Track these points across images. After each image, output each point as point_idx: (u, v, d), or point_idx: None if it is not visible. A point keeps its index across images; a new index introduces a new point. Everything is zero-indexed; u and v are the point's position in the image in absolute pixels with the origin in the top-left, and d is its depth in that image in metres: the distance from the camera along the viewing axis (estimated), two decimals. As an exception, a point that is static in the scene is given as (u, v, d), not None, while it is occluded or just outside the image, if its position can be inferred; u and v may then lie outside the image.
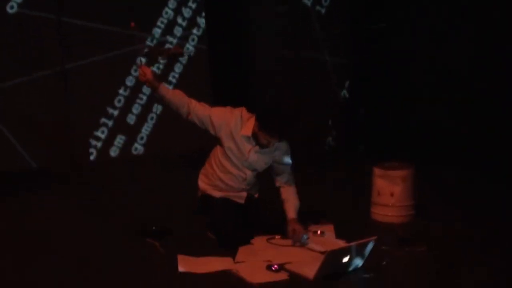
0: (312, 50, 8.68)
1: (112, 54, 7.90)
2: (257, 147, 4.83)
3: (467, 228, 5.18)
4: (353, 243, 4.25)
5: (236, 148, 4.82)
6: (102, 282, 4.18)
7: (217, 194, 4.99)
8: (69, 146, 7.75)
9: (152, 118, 8.32)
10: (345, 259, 4.24)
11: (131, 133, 8.23)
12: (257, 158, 4.87)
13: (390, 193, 5.37)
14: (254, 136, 4.79)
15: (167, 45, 8.00)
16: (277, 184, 5.03)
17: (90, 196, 6.49)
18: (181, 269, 4.36)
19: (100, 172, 7.49)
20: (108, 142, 8.07)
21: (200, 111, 4.80)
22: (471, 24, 7.36)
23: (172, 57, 7.55)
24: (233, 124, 4.79)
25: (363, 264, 4.37)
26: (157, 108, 8.25)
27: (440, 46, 7.64)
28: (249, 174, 4.93)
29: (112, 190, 6.70)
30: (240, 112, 4.84)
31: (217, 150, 4.95)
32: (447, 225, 5.24)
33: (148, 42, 7.93)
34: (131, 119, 8.22)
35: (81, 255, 4.69)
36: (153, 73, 4.78)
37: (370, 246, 4.34)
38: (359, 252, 4.30)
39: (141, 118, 8.27)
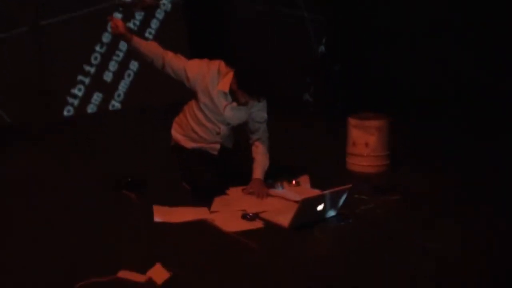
0: (289, 6, 8.63)
1: (87, 10, 7.83)
2: (234, 104, 4.79)
3: (441, 178, 5.23)
4: (327, 191, 4.28)
5: (212, 103, 4.77)
6: (78, 234, 4.19)
7: (189, 145, 4.97)
8: (45, 103, 7.71)
9: (129, 75, 8.28)
10: (320, 207, 4.28)
11: (108, 90, 8.20)
12: (233, 114, 4.84)
13: (365, 143, 5.39)
14: (232, 93, 4.74)
15: None
16: (251, 140, 5.01)
17: (65, 150, 6.48)
18: (156, 219, 4.38)
19: (76, 127, 7.47)
20: (85, 99, 8.04)
21: (175, 64, 4.73)
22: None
23: (147, 9, 7.50)
24: (209, 78, 4.72)
25: (337, 212, 4.41)
26: (134, 65, 8.21)
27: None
28: (224, 128, 4.91)
29: (87, 144, 6.69)
30: (218, 66, 4.75)
31: (193, 102, 4.91)
32: (421, 175, 5.29)
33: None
34: (108, 76, 8.18)
35: (57, 208, 4.69)
36: (125, 25, 4.69)
37: (344, 195, 4.38)
38: (334, 200, 4.33)
39: (118, 75, 8.23)
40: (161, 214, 4.44)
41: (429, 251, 3.83)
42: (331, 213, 4.38)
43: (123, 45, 7.93)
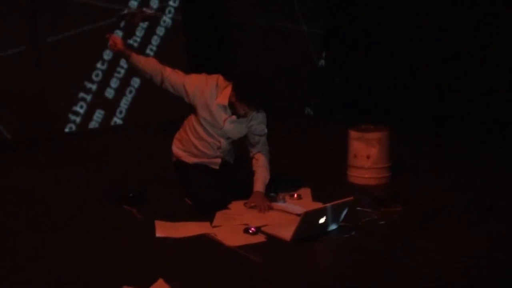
0: (288, 21, 8.68)
1: (88, 27, 7.86)
2: (233, 117, 4.80)
3: (443, 189, 5.23)
4: (329, 204, 4.27)
5: (211, 117, 4.78)
6: (80, 249, 4.18)
7: (191, 160, 4.98)
8: (47, 121, 7.72)
9: (130, 92, 8.30)
10: (322, 220, 4.27)
11: (110, 107, 8.21)
12: (233, 128, 4.85)
13: (366, 156, 5.40)
14: (231, 106, 4.75)
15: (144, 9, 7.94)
16: (251, 154, 5.01)
17: (66, 164, 6.49)
18: (158, 234, 4.37)
19: (77, 143, 7.48)
20: (87, 116, 8.05)
21: (174, 80, 4.74)
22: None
23: (148, 20, 7.54)
24: (208, 93, 4.74)
25: (339, 225, 4.40)
26: (135, 81, 8.23)
27: (415, 12, 7.66)
28: (224, 142, 4.92)
29: (89, 159, 6.70)
30: (216, 80, 4.77)
31: (192, 117, 4.92)
32: (423, 186, 5.30)
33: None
34: (109, 93, 8.19)
35: (57, 222, 4.69)
36: (124, 42, 4.71)
37: (346, 207, 4.37)
38: (336, 213, 4.33)
39: (120, 92, 8.25)
40: (163, 229, 4.43)
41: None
42: (333, 226, 4.38)
43: (124, 62, 7.95)
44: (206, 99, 4.73)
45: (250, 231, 4.38)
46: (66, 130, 7.89)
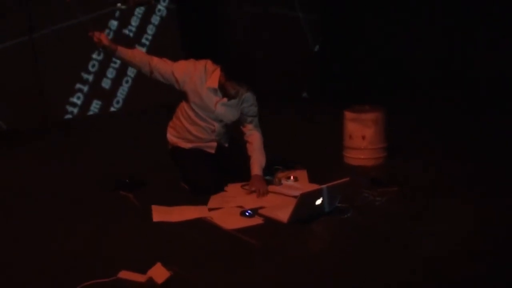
0: (283, 7, 8.66)
1: (84, 18, 7.82)
2: (224, 99, 4.81)
3: (439, 168, 5.24)
4: (325, 185, 4.28)
5: (202, 101, 4.79)
6: (78, 235, 4.20)
7: (186, 145, 5.00)
8: (44, 112, 7.72)
9: (127, 81, 8.29)
10: (318, 201, 4.28)
11: (107, 97, 8.21)
12: (224, 111, 4.86)
13: (361, 136, 5.39)
14: (221, 88, 4.77)
15: None
16: (244, 137, 5.01)
17: (63, 151, 6.50)
18: (155, 219, 4.39)
19: (74, 129, 7.50)
20: (84, 107, 8.05)
21: (162, 68, 4.72)
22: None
23: (142, 4, 7.53)
24: (197, 77, 4.75)
25: (336, 206, 4.41)
26: (132, 71, 8.21)
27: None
28: (218, 125, 4.93)
29: (85, 145, 6.72)
30: (204, 65, 4.78)
31: (184, 104, 4.92)
32: (419, 166, 5.30)
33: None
34: (106, 83, 8.19)
35: (55, 209, 4.71)
36: (108, 37, 4.62)
37: (342, 188, 4.38)
38: (332, 194, 4.34)
39: (116, 82, 8.24)
40: (160, 214, 4.44)
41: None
42: (330, 207, 4.39)
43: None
44: (195, 84, 4.74)
45: (247, 214, 4.39)
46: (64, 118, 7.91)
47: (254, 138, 4.97)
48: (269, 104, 5.05)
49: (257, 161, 4.90)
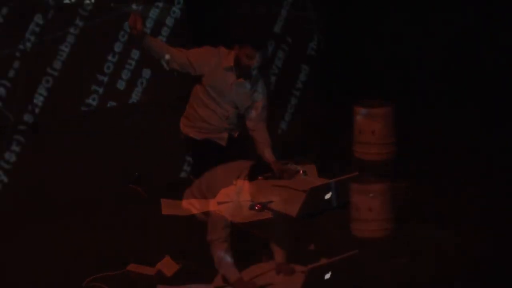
0: (286, 5, 8.64)
1: (98, 20, 7.83)
2: (240, 80, 4.85)
3: (447, 164, 5.23)
4: (334, 180, 4.27)
5: (217, 83, 4.85)
6: (88, 229, 4.22)
7: (198, 135, 5.00)
8: (58, 112, 7.71)
9: (142, 83, 8.27)
10: (327, 196, 4.26)
11: (121, 98, 8.18)
12: (239, 93, 4.88)
13: (371, 131, 5.38)
14: (236, 67, 4.82)
15: None
16: (250, 132, 4.96)
17: (74, 145, 6.48)
18: (164, 212, 4.37)
19: (85, 123, 7.49)
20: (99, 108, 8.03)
21: (179, 56, 4.86)
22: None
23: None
24: (213, 60, 4.85)
25: (345, 201, 4.40)
26: (146, 73, 8.19)
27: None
28: (232, 111, 4.93)
29: (96, 139, 6.70)
30: (218, 49, 4.90)
31: (197, 89, 4.94)
32: (427, 161, 5.29)
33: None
34: (121, 85, 8.16)
35: (65, 202, 4.73)
36: (143, 22, 4.81)
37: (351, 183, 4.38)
38: (341, 188, 4.33)
39: (131, 83, 8.21)
40: (169, 207, 4.43)
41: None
42: (339, 200, 4.38)
43: (134, 54, 7.93)
44: (211, 66, 4.85)
45: (256, 208, 4.38)
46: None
47: (259, 133, 4.92)
48: (277, 99, 5.02)
49: (267, 147, 4.84)
